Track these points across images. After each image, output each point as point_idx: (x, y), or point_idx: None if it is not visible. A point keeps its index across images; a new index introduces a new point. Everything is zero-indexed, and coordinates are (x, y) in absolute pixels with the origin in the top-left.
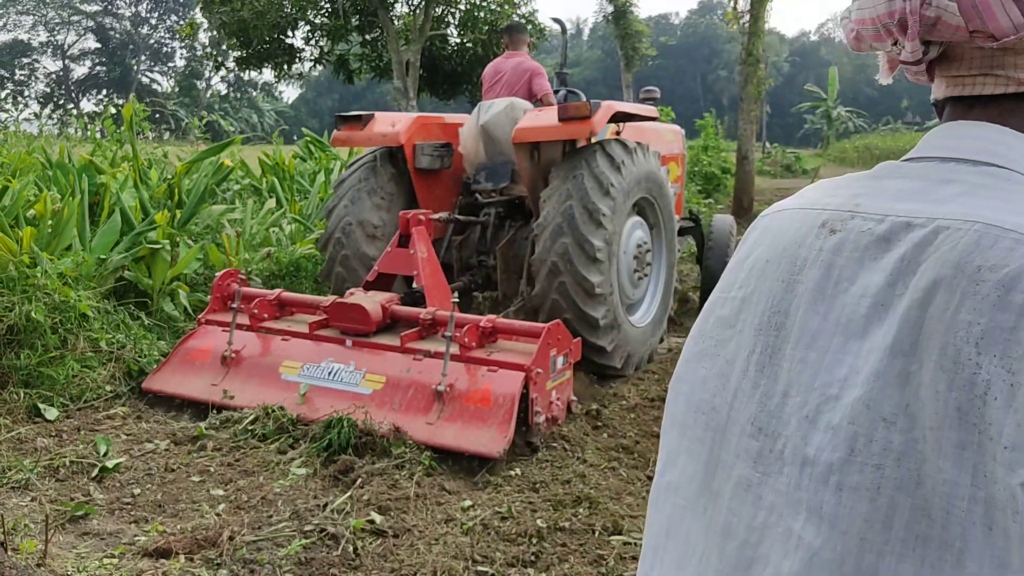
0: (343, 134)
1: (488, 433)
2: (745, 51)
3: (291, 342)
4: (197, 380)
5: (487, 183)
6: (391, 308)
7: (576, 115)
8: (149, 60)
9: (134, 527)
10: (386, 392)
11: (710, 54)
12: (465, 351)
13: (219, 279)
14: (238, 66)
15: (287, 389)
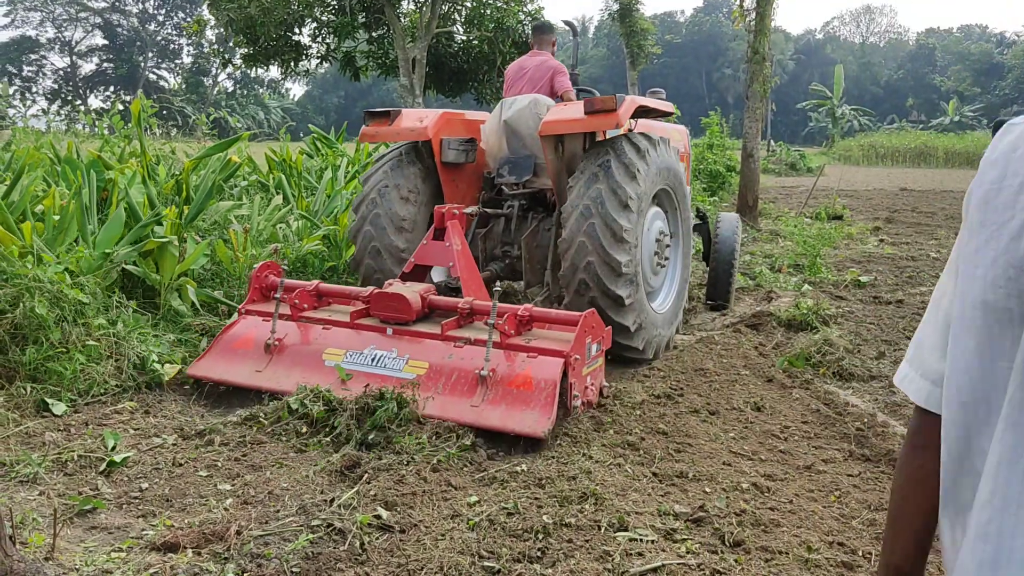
0: (371, 129)
1: (532, 415)
2: (751, 49)
3: (332, 331)
4: (241, 367)
5: (510, 176)
6: (429, 298)
7: (602, 108)
8: (156, 57)
9: (142, 521)
10: (430, 377)
11: (715, 52)
12: (505, 338)
13: (257, 271)
14: (245, 63)
15: (331, 375)
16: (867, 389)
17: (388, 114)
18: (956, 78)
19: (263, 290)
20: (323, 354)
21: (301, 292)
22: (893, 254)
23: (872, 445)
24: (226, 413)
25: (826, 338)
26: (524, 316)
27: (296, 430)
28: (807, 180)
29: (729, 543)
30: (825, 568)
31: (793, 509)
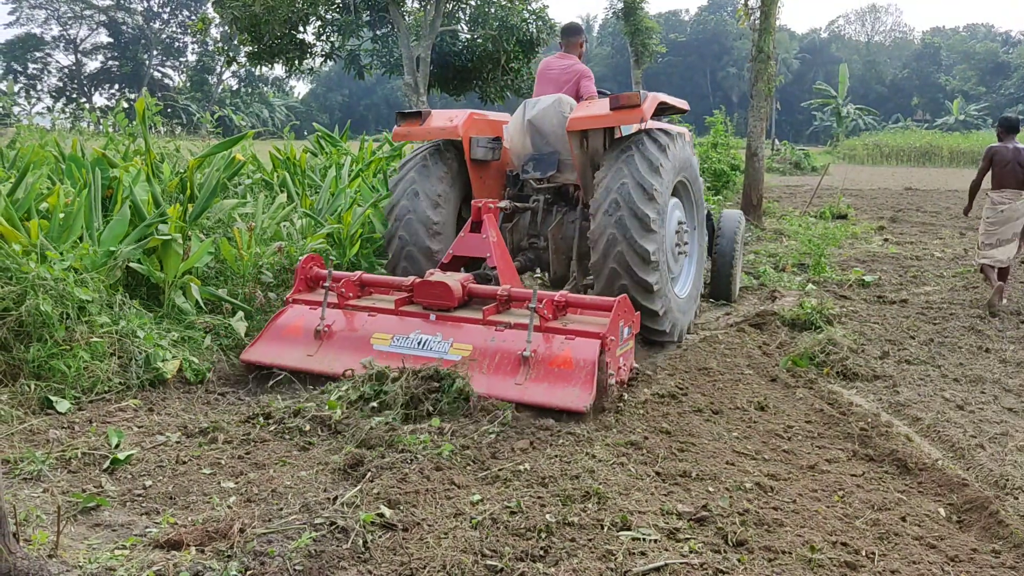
0: (403, 129)
1: (574, 391)
2: (756, 48)
3: (378, 317)
4: (292, 352)
5: (535, 172)
6: (469, 286)
7: (627, 104)
8: (161, 55)
9: (145, 519)
10: (474, 358)
11: (720, 51)
12: (544, 322)
13: (303, 263)
14: (249, 61)
15: (379, 358)
16: (871, 389)
17: (419, 114)
18: (961, 77)
19: (308, 281)
20: (371, 338)
21: (347, 282)
22: (897, 253)
23: (876, 445)
24: (229, 411)
25: (830, 338)
26: (561, 301)
27: (300, 428)
28: (811, 179)
29: (732, 543)
30: (828, 568)
31: (796, 509)
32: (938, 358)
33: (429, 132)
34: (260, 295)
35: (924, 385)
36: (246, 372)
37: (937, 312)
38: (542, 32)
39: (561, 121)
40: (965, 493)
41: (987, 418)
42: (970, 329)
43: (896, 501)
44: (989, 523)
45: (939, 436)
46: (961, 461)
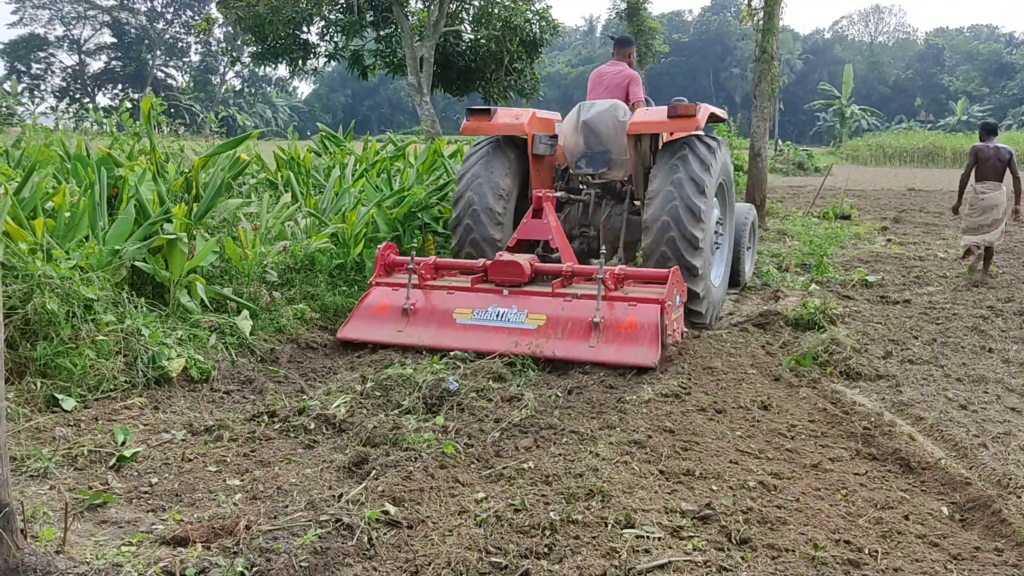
0: (472, 124)
1: (642, 350)
2: (759, 48)
3: (456, 295)
4: (383, 329)
5: (587, 168)
6: (536, 264)
7: (684, 114)
8: (164, 55)
9: (152, 516)
10: (549, 326)
11: (723, 51)
12: (608, 291)
13: (381, 251)
14: (253, 61)
15: (462, 330)
16: (874, 388)
17: (488, 111)
18: (965, 78)
19: (386, 266)
20: (453, 313)
21: (425, 265)
22: (900, 254)
23: (879, 444)
24: (235, 409)
25: (833, 337)
26: (621, 274)
27: (305, 427)
28: (814, 180)
29: (736, 541)
30: (831, 566)
31: (800, 507)
32: (941, 358)
33: (496, 128)
34: (265, 294)
35: (927, 385)
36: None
37: (940, 312)
38: (545, 32)
39: (615, 124)
40: (968, 492)
41: (990, 418)
42: (973, 329)
43: (899, 500)
44: (992, 522)
45: (942, 435)
46: (964, 460)
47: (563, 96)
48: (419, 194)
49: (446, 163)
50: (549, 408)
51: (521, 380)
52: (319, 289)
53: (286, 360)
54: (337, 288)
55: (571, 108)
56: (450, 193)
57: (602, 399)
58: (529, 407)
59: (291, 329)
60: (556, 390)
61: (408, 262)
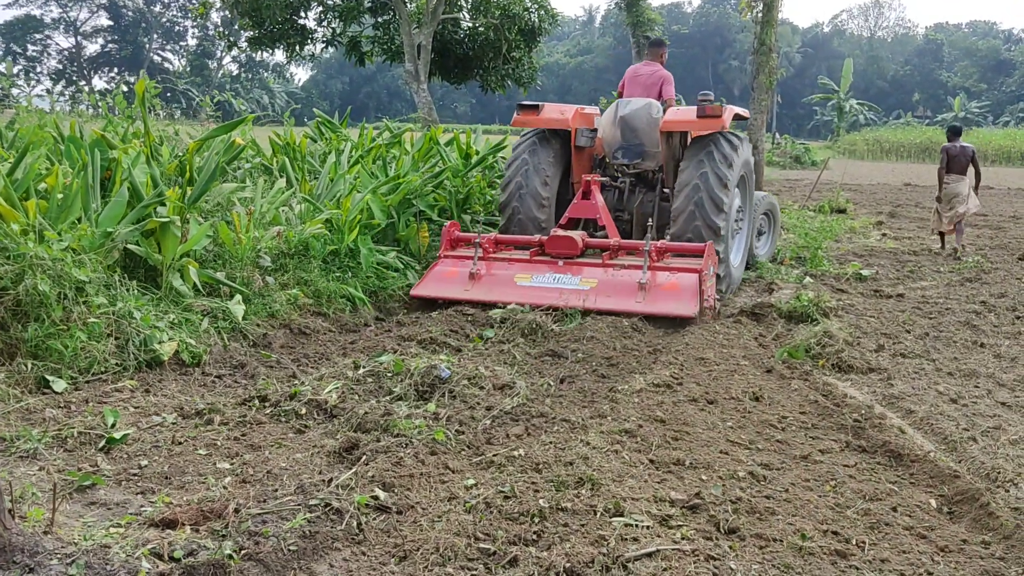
0: (522, 117)
1: (683, 303)
2: (758, 40)
3: (516, 265)
4: (452, 288)
5: (623, 159)
6: (586, 240)
7: (712, 114)
8: (161, 39)
9: (140, 498)
10: (600, 288)
11: (722, 44)
12: (652, 262)
13: (446, 228)
14: (250, 46)
15: (522, 291)
16: (865, 381)
17: (537, 107)
18: (963, 74)
19: (451, 241)
20: (515, 277)
21: (488, 239)
22: (895, 248)
23: (869, 437)
24: (226, 393)
25: (826, 330)
26: (663, 247)
27: (296, 411)
28: (811, 173)
29: (724, 530)
30: (819, 556)
31: (788, 498)
32: (933, 352)
33: (544, 121)
34: (258, 279)
35: (918, 378)
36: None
37: (933, 307)
38: (544, 21)
39: (650, 121)
40: (956, 485)
41: (980, 412)
42: (965, 324)
43: (888, 492)
44: (980, 515)
45: (932, 429)
46: (953, 453)
47: (561, 86)
48: (415, 181)
49: (442, 151)
50: (541, 396)
51: (572, 324)
52: (313, 275)
53: (278, 345)
54: (331, 274)
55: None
56: (445, 181)
57: (594, 388)
58: (521, 395)
59: (284, 314)
60: (548, 379)
61: (473, 238)
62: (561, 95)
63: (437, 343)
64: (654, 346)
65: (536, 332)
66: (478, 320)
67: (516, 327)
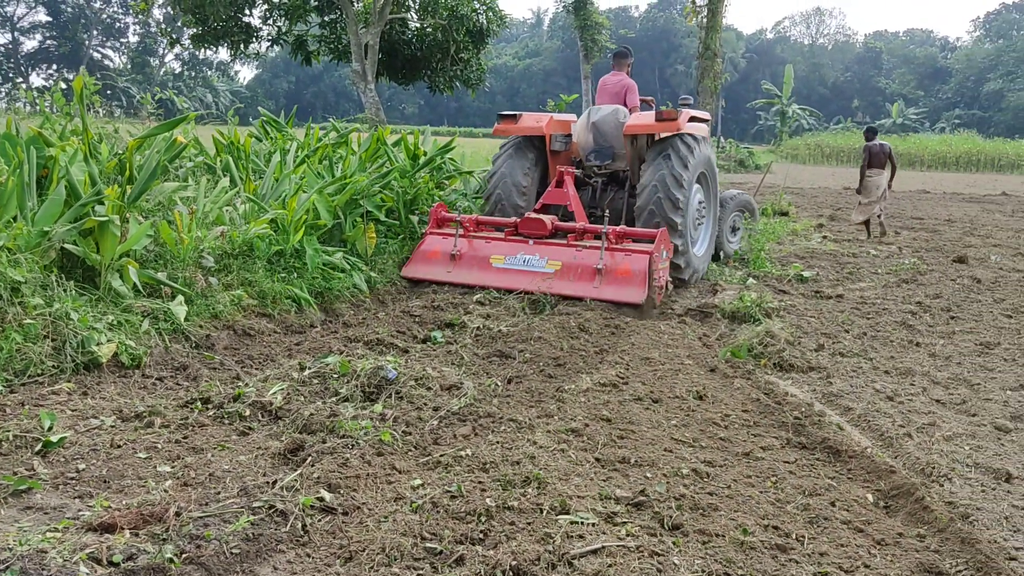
0: (503, 126)
1: (633, 290)
2: (702, 45)
3: (492, 244)
4: (436, 269)
5: (595, 161)
6: (555, 223)
7: (668, 118)
8: (101, 35)
9: (78, 502)
10: (563, 271)
11: (668, 48)
12: (610, 244)
13: (434, 209)
14: (193, 44)
15: (497, 272)
16: (806, 380)
17: (515, 116)
18: (901, 81)
19: (437, 220)
20: (490, 258)
21: (469, 220)
22: (835, 250)
23: (808, 433)
24: (167, 396)
25: (768, 330)
26: (620, 232)
27: (240, 413)
28: (755, 177)
29: (668, 526)
30: (760, 550)
31: (731, 494)
32: (870, 351)
33: (521, 129)
34: (201, 279)
35: (856, 377)
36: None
37: (871, 307)
38: (492, 23)
39: (617, 125)
40: (893, 480)
41: (916, 409)
42: (902, 324)
43: (826, 487)
44: (915, 508)
45: (869, 425)
46: (890, 449)
47: (510, 88)
48: (361, 182)
49: (389, 151)
50: (488, 397)
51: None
52: (257, 275)
53: (222, 347)
54: (276, 275)
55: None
56: (393, 182)
57: (541, 388)
58: (468, 396)
59: (228, 315)
60: (496, 379)
61: (455, 218)
62: (510, 97)
63: (384, 344)
64: (600, 346)
65: (484, 333)
66: (426, 321)
67: (465, 329)
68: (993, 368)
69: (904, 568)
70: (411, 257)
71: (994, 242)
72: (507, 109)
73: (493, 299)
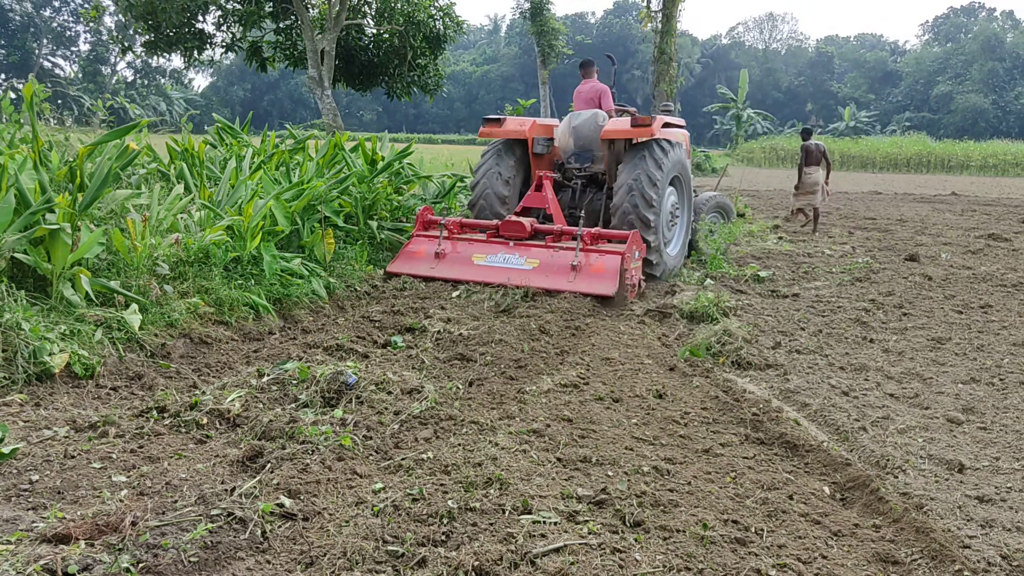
0: (488, 129)
1: (606, 284)
2: (658, 49)
3: (475, 244)
4: (420, 266)
5: (576, 163)
6: (534, 225)
7: (642, 123)
8: (51, 44)
9: (32, 513)
10: (541, 268)
11: (625, 54)
12: (586, 245)
13: (421, 212)
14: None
15: (478, 269)
16: (763, 377)
17: (500, 120)
18: (852, 84)
19: (424, 223)
20: (472, 257)
21: (453, 223)
22: (791, 251)
23: (767, 429)
24: (121, 405)
25: (726, 329)
26: (595, 233)
27: (196, 422)
28: (711, 180)
29: (630, 523)
30: (720, 544)
31: (691, 490)
32: (826, 348)
33: (506, 132)
34: (156, 287)
35: (812, 373)
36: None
37: (826, 306)
38: (449, 29)
39: (596, 129)
40: (848, 472)
41: (870, 403)
42: (856, 321)
43: (784, 481)
44: (870, 500)
45: (825, 420)
46: (845, 443)
47: (468, 95)
48: (319, 187)
49: (347, 156)
50: (450, 400)
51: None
52: (214, 283)
53: (178, 355)
54: (233, 282)
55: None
56: (351, 187)
57: (502, 390)
58: (429, 399)
59: (184, 323)
60: (457, 382)
61: (440, 221)
62: (468, 103)
63: (344, 350)
64: (561, 347)
65: (445, 337)
66: (386, 326)
67: (426, 333)
68: (944, 362)
69: (861, 558)
70: (396, 256)
71: (944, 240)
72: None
73: (455, 304)
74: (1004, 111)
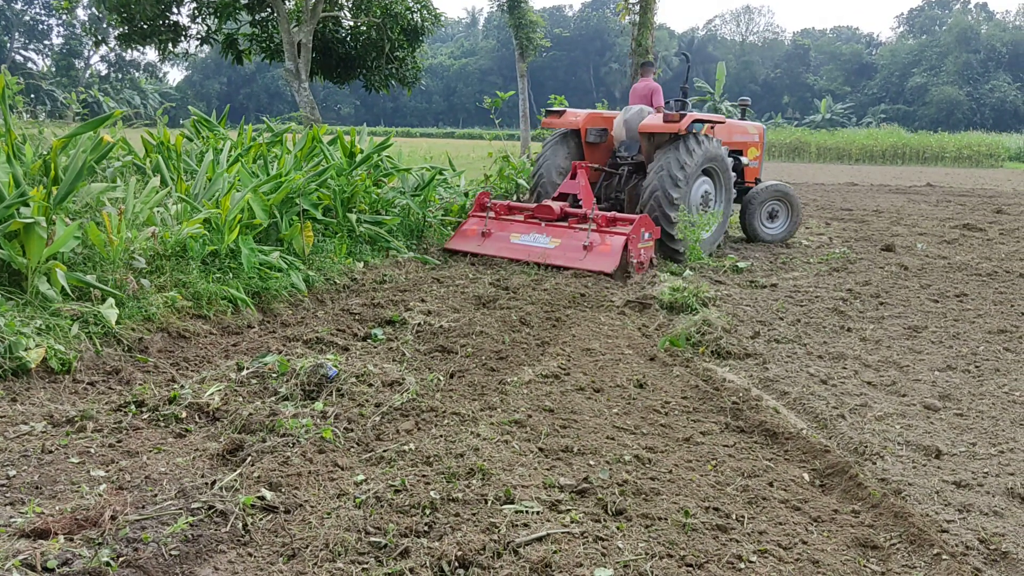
0: (548, 120)
1: (606, 262)
2: (635, 41)
3: (514, 224)
4: (470, 243)
5: (625, 152)
6: (564, 208)
7: (672, 119)
8: (23, 37)
9: (10, 509)
10: (561, 247)
11: (602, 47)
12: (599, 227)
13: (479, 196)
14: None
15: (514, 247)
16: (742, 366)
17: (560, 112)
18: (828, 77)
19: (480, 205)
20: (511, 237)
21: (500, 205)
22: (768, 242)
23: (746, 417)
24: (99, 400)
25: (705, 319)
26: (609, 216)
27: (176, 416)
28: None
29: (612, 512)
30: (701, 531)
31: (672, 478)
32: (804, 337)
33: (565, 123)
34: (132, 281)
35: (791, 362)
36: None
37: (804, 295)
38: (427, 21)
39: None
40: (827, 459)
41: (848, 391)
42: (833, 311)
43: (764, 468)
44: (849, 486)
45: (804, 408)
46: (824, 430)
47: (447, 88)
48: (297, 180)
49: (325, 149)
50: (431, 391)
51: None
52: (191, 276)
53: (156, 350)
54: (211, 275)
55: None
56: (329, 180)
57: (483, 382)
58: (410, 391)
59: (161, 318)
60: (438, 374)
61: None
62: (446, 96)
63: (324, 343)
64: (542, 339)
65: (425, 329)
66: (366, 319)
67: (406, 326)
68: (921, 351)
69: (840, 543)
70: (453, 234)
71: (920, 231)
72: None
73: (435, 296)
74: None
